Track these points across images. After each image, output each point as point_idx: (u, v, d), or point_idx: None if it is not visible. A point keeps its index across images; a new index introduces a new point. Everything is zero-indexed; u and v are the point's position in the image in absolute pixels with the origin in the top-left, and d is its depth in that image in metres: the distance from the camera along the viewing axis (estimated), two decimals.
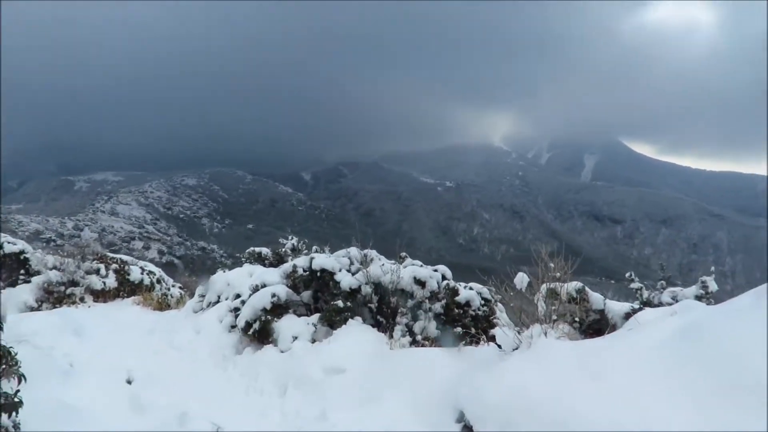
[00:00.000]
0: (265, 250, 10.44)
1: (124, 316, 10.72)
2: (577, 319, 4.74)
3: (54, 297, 11.25)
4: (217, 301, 9.01)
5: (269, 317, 6.90)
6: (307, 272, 7.32)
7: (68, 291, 11.33)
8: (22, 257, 11.61)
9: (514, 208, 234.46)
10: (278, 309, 7.15)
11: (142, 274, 12.76)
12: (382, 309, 6.79)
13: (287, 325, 6.73)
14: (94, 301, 11.78)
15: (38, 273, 11.39)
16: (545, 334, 4.28)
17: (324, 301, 7.34)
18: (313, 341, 6.44)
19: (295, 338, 6.48)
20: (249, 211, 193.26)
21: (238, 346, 7.39)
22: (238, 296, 8.49)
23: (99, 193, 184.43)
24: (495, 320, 6.77)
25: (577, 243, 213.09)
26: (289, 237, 10.99)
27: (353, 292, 6.82)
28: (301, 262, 7.86)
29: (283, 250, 10.69)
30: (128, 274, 12.37)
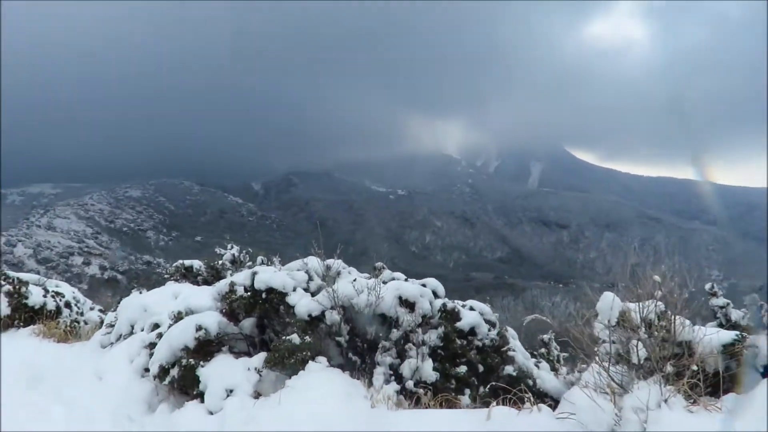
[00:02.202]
0: (196, 263, 8.23)
1: (13, 353, 8.28)
2: (695, 367, 2.91)
3: None
4: (130, 333, 6.80)
5: (193, 360, 4.80)
6: (249, 292, 5.27)
7: None
8: None
9: (464, 215, 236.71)
10: (207, 346, 5.06)
11: (45, 296, 10.25)
12: (356, 343, 4.83)
13: (219, 372, 4.66)
14: None
15: None
16: (665, 401, 2.48)
17: (273, 332, 5.31)
18: (257, 395, 4.41)
19: (230, 392, 4.42)
20: (197, 223, 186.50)
21: (152, 400, 5.25)
22: (156, 326, 6.33)
23: (34, 207, 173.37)
24: (510, 353, 4.95)
25: (527, 248, 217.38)
26: (228, 246, 8.83)
27: (314, 321, 4.83)
28: (241, 278, 5.79)
29: (221, 263, 8.49)
30: (25, 297, 9.85)
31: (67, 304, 10.73)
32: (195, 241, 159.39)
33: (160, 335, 5.79)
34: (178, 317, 5.73)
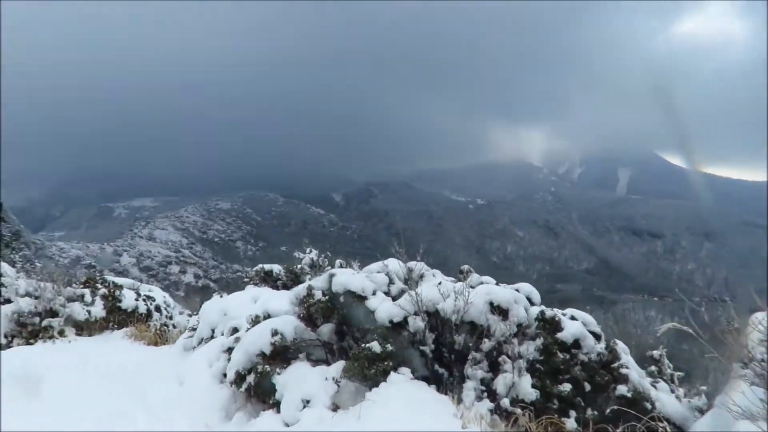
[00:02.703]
0: (276, 268, 8.12)
1: (106, 354, 8.55)
2: None
3: (27, 331, 9.20)
4: (211, 337, 6.73)
5: (269, 367, 4.54)
6: (327, 296, 4.96)
7: (44, 323, 9.26)
8: None
9: (548, 224, 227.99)
10: (284, 352, 4.79)
11: (137, 300, 10.63)
12: (442, 354, 4.35)
13: (296, 380, 4.35)
14: (78, 334, 9.68)
15: (9, 301, 9.38)
16: None
17: (353, 339, 4.96)
18: (335, 408, 4.05)
19: (307, 402, 4.10)
20: (282, 234, 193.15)
21: (230, 407, 5.05)
22: (235, 330, 6.20)
23: (137, 219, 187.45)
24: (622, 370, 4.25)
25: (616, 259, 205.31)
26: (307, 250, 8.65)
27: (396, 327, 4.41)
28: (319, 282, 5.51)
29: (300, 266, 8.32)
30: (119, 301, 10.25)
31: (158, 308, 11.08)
32: (280, 251, 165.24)
33: (238, 340, 5.62)
34: (255, 321, 5.53)
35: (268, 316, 5.66)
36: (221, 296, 7.09)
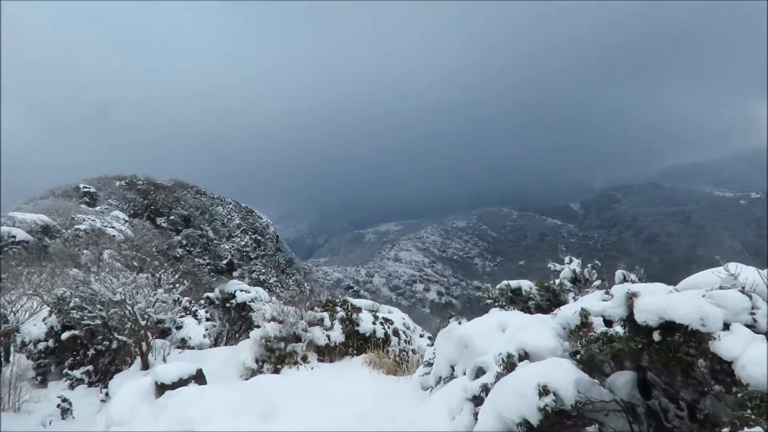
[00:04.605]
0: (525, 284, 6.26)
1: (342, 384, 7.83)
2: None
3: (275, 356, 9.15)
4: (450, 376, 5.25)
5: None
6: (626, 327, 3.00)
7: (289, 348, 9.10)
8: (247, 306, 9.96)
9: None
10: (560, 420, 2.97)
11: (374, 323, 9.92)
12: None
13: None
14: (319, 359, 9.33)
15: (257, 326, 9.52)
16: None
17: (668, 394, 2.88)
18: None
19: None
20: (518, 248, 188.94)
21: None
22: (480, 371, 4.58)
23: (384, 242, 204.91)
24: None
25: None
26: (566, 259, 6.59)
27: None
28: (600, 304, 3.55)
29: (557, 282, 6.33)
30: (357, 324, 9.65)
31: (396, 332, 10.23)
32: (518, 266, 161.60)
33: (485, 388, 3.98)
34: (508, 363, 3.82)
35: (524, 355, 3.91)
36: (459, 322, 5.58)
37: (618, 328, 3.23)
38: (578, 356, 3.45)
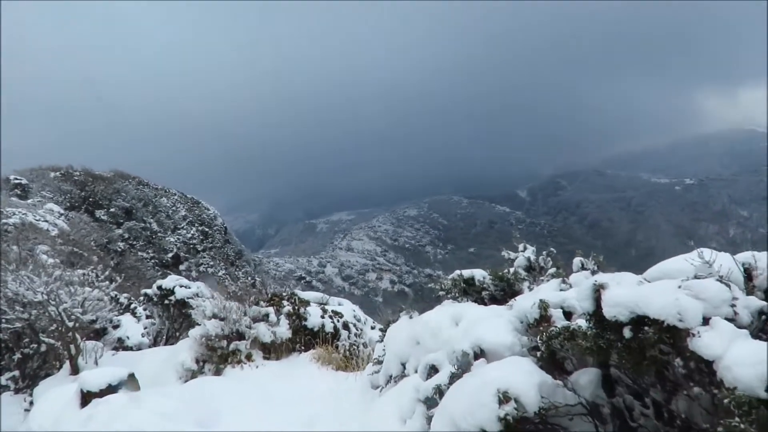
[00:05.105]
0: (479, 274, 5.98)
1: (289, 383, 7.39)
2: None
3: (217, 355, 8.57)
4: (402, 374, 4.92)
5: None
6: (591, 321, 2.71)
7: (232, 347, 8.55)
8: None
9: None
10: (525, 425, 2.66)
11: (323, 317, 9.49)
12: None
13: None
14: (265, 357, 8.81)
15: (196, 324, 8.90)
16: None
17: (633, 391, 2.62)
18: None
19: None
20: (469, 235, 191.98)
21: None
22: (433, 370, 4.26)
23: (336, 232, 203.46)
24: None
25: None
26: (520, 246, 6.33)
27: None
28: (558, 295, 3.28)
29: (512, 271, 6.08)
30: (304, 319, 9.19)
31: (345, 325, 9.84)
32: (469, 253, 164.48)
33: (439, 390, 3.65)
34: (463, 361, 3.50)
35: (479, 352, 3.60)
36: (411, 316, 5.24)
37: (580, 321, 2.96)
38: (538, 353, 3.16)
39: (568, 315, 3.58)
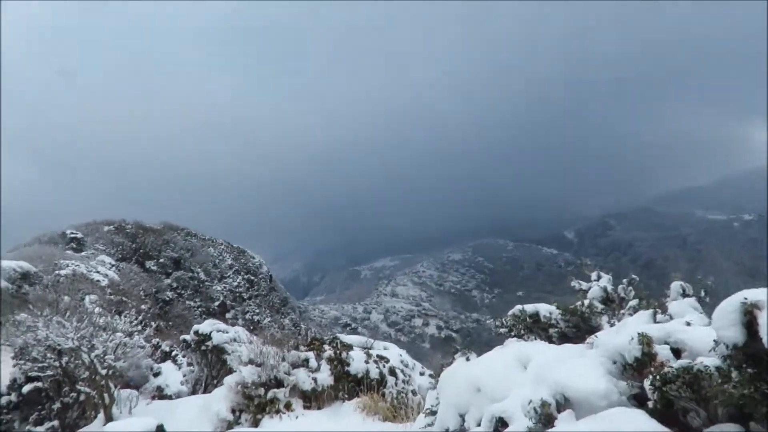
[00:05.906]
0: (543, 309, 5.13)
1: None
2: None
3: (254, 404, 7.92)
4: (461, 428, 4.13)
5: None
6: (736, 356, 1.96)
7: (269, 395, 7.89)
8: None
9: None
10: None
11: (367, 362, 8.74)
12: None
13: None
14: (305, 405, 8.09)
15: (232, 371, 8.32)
16: None
17: None
18: None
19: None
20: (516, 278, 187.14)
21: None
22: (501, 422, 3.48)
23: (380, 278, 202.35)
24: None
25: None
26: (593, 275, 5.48)
27: None
28: (660, 328, 2.52)
29: (586, 303, 5.21)
30: (347, 365, 8.46)
31: (392, 371, 9.03)
32: (517, 296, 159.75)
33: None
34: (542, 414, 2.74)
35: (563, 401, 2.82)
36: (468, 358, 4.47)
37: (710, 360, 2.19)
38: (649, 402, 2.39)
39: (676, 353, 2.79)
